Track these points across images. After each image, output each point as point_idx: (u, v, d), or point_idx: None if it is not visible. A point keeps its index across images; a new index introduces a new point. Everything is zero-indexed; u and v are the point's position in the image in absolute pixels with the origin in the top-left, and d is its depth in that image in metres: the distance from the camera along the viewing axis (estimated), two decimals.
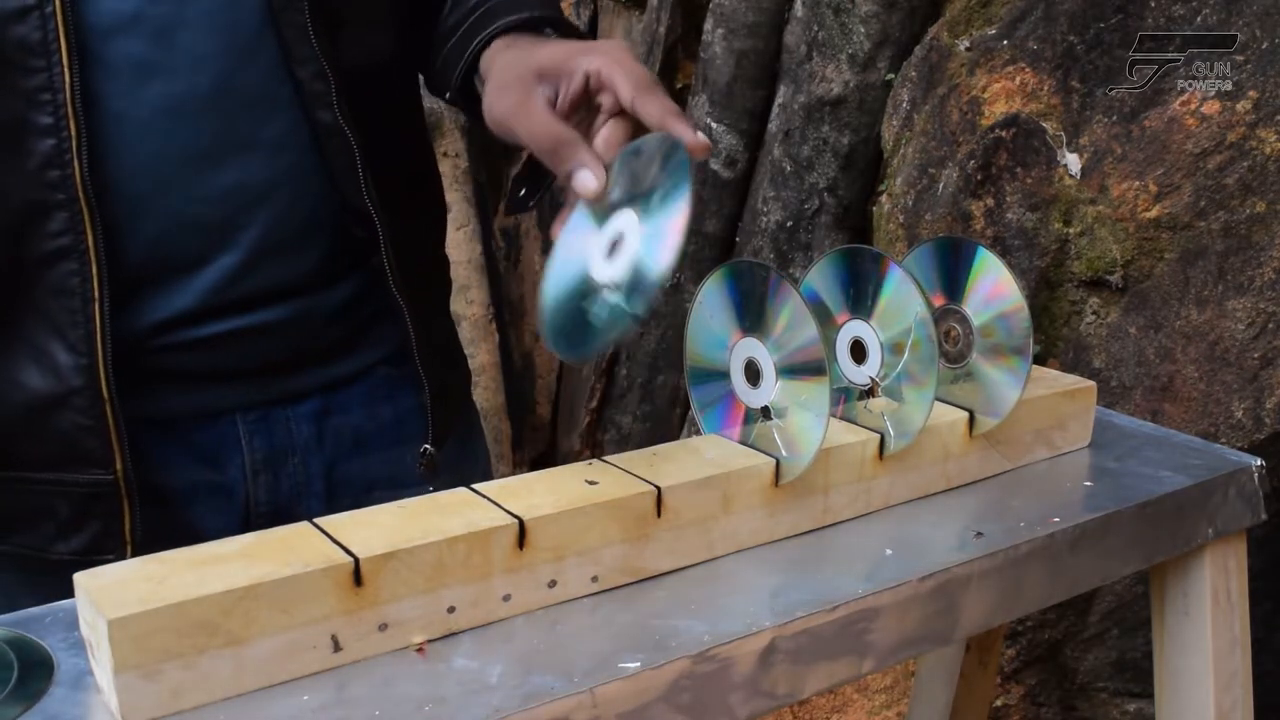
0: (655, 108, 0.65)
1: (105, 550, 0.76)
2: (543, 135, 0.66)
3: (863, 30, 1.81)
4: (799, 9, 1.94)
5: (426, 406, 0.86)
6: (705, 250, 2.19)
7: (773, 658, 0.63)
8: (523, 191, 0.79)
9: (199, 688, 0.54)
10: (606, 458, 0.71)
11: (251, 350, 0.80)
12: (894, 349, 0.76)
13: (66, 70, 0.68)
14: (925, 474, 0.80)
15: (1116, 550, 0.81)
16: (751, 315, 0.73)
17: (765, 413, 0.73)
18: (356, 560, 0.57)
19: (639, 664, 0.59)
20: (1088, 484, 0.85)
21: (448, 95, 0.83)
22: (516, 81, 0.70)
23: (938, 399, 0.82)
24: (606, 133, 0.67)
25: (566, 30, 0.80)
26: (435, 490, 0.67)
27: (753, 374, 0.73)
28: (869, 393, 0.79)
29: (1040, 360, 1.38)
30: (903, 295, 0.75)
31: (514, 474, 0.71)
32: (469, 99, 0.81)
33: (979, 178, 1.46)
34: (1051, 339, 1.43)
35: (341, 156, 0.78)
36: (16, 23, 0.67)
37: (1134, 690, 1.46)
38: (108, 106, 0.71)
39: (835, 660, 0.66)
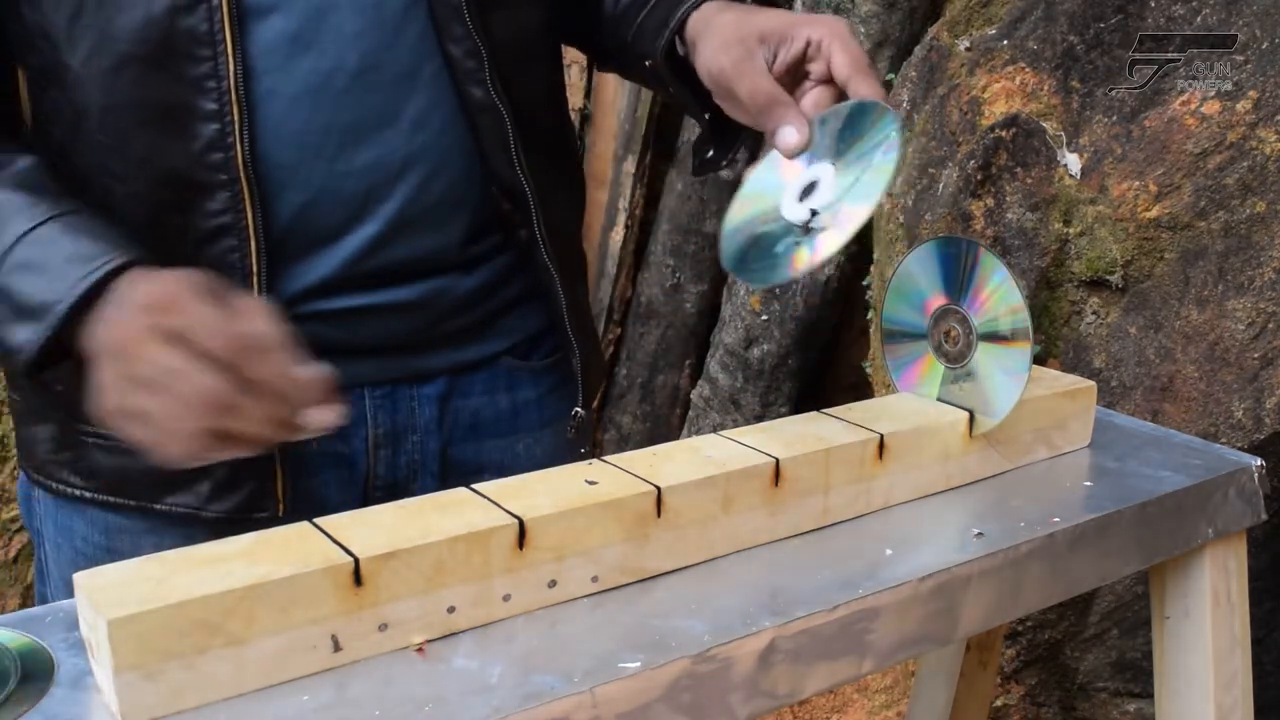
0: (869, 89, 0.71)
1: (259, 509, 0.79)
2: (760, 94, 0.73)
3: (863, 30, 1.81)
4: (799, 9, 1.94)
5: (577, 371, 0.91)
6: (705, 250, 2.19)
7: (773, 658, 0.63)
8: (710, 153, 0.86)
9: (199, 688, 0.54)
10: (606, 458, 0.71)
11: (385, 327, 0.82)
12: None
13: (230, 59, 0.71)
14: (925, 474, 0.80)
15: (1116, 550, 0.81)
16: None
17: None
18: (356, 560, 0.57)
19: (639, 664, 0.59)
20: (1088, 484, 0.85)
21: (648, 62, 0.85)
22: (739, 42, 0.74)
23: (938, 399, 0.83)
24: (814, 98, 0.74)
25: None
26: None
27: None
28: (806, 228, 0.74)
29: (1040, 360, 1.38)
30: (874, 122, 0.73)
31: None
32: (671, 62, 0.83)
33: (979, 178, 1.46)
34: (1051, 339, 1.43)
35: (493, 131, 0.80)
36: (186, 14, 0.70)
37: (1134, 690, 1.46)
38: (258, 83, 0.73)
39: (835, 660, 0.66)
